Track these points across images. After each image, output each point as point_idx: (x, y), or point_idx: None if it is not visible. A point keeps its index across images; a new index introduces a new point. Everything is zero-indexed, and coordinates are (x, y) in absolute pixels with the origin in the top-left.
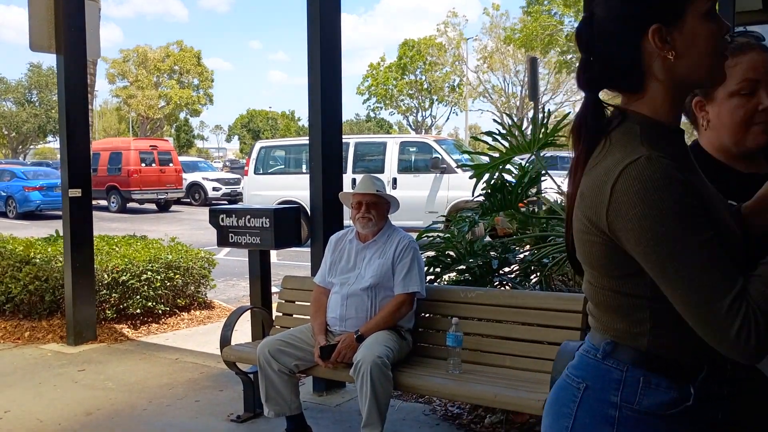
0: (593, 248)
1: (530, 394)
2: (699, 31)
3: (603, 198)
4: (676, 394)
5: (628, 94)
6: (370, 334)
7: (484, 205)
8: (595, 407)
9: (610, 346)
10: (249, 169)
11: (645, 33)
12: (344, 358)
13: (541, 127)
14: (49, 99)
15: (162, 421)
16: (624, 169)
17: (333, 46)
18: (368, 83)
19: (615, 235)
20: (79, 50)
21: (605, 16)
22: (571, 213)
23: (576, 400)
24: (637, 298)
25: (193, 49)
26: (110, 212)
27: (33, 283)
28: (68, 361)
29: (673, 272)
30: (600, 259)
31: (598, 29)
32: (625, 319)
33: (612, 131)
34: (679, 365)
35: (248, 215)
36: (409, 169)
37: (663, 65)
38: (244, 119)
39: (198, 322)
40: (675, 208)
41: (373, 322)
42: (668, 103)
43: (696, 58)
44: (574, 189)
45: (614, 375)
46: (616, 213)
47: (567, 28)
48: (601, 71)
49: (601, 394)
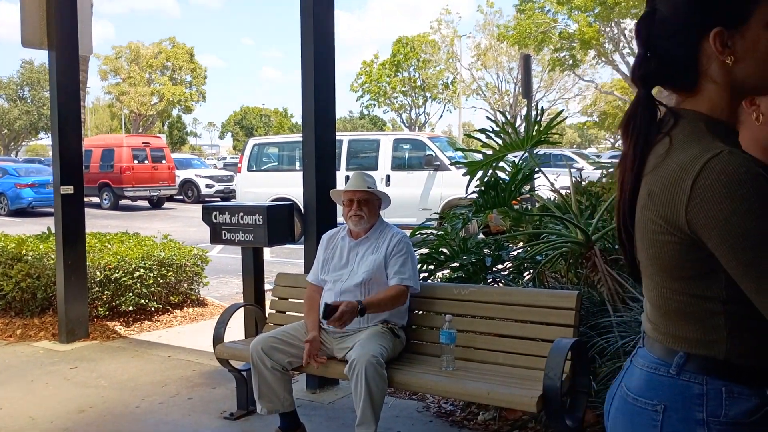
0: (666, 248)
1: (523, 390)
2: (761, 38)
3: (681, 194)
4: (758, 400)
5: (682, 93)
6: (372, 309)
7: (477, 202)
8: (680, 429)
9: (683, 359)
10: (242, 166)
11: (706, 34)
12: (343, 321)
13: (535, 124)
14: (41, 96)
15: (154, 418)
16: (706, 163)
17: (326, 43)
18: (362, 80)
19: (694, 232)
20: (71, 47)
21: (668, 14)
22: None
23: (657, 425)
24: (711, 302)
25: (185, 45)
26: (102, 209)
27: (25, 280)
28: (60, 359)
29: (762, 270)
30: (673, 259)
31: (660, 26)
32: (699, 326)
33: (672, 128)
34: (756, 371)
35: (241, 212)
36: (403, 166)
37: (720, 68)
38: (237, 116)
39: (191, 320)
40: (761, 203)
41: (375, 298)
42: (725, 103)
43: (754, 64)
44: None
45: (694, 390)
46: (698, 209)
47: (560, 25)
48: (657, 68)
49: (685, 413)
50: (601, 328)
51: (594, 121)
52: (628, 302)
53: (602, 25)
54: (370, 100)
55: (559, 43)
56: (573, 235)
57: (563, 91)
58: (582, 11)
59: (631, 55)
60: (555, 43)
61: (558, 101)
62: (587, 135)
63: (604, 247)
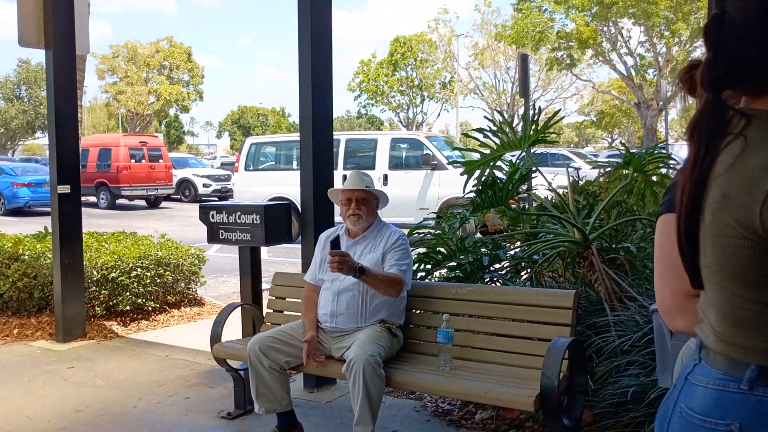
0: (740, 253)
1: (520, 390)
2: None
3: (758, 195)
4: None
5: (752, 95)
6: (367, 277)
7: (474, 201)
8: None
9: (755, 372)
10: (239, 166)
11: None
12: (342, 263)
13: (532, 124)
14: (38, 95)
15: (152, 418)
16: None
17: (324, 42)
18: (359, 80)
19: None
20: (68, 46)
21: (739, 16)
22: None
23: None
24: None
25: (183, 45)
26: (99, 209)
27: (22, 279)
28: (57, 359)
29: None
30: (746, 265)
31: (729, 28)
32: None
33: (745, 128)
34: None
35: (239, 212)
36: (400, 165)
37: None
38: (234, 115)
39: (188, 319)
40: None
41: (374, 271)
42: None
43: None
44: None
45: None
46: None
47: (558, 25)
48: (727, 70)
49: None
50: (598, 327)
51: (591, 121)
52: (625, 301)
53: (599, 25)
54: (367, 100)
55: (556, 43)
56: (570, 235)
57: (560, 91)
58: (579, 10)
59: (628, 55)
60: (552, 43)
61: (555, 101)
62: (584, 134)
63: (601, 247)
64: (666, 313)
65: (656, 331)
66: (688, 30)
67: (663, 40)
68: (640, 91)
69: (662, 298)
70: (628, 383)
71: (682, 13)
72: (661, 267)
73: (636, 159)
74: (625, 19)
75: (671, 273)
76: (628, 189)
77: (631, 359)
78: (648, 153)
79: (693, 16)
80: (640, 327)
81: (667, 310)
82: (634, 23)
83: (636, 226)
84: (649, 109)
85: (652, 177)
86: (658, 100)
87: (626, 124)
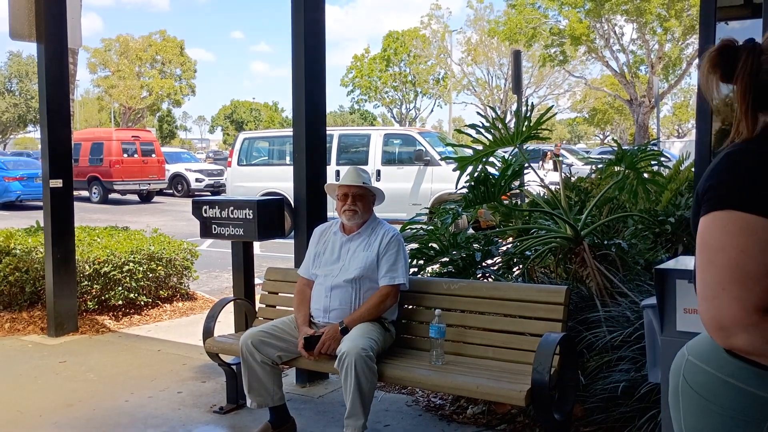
0: None
1: (512, 384)
2: None
3: None
4: None
5: None
6: (354, 326)
7: (467, 197)
8: None
9: None
10: (232, 161)
11: None
12: (328, 349)
13: (525, 120)
14: (29, 88)
15: (144, 412)
16: None
17: (317, 37)
18: (352, 75)
19: None
20: (60, 39)
21: None
22: None
23: None
24: None
25: (176, 39)
26: (92, 203)
27: (13, 274)
28: (49, 353)
29: None
30: None
31: None
32: None
33: None
34: None
35: (231, 207)
36: (393, 161)
37: None
38: (227, 110)
39: (180, 314)
40: None
41: (357, 314)
42: None
43: None
44: None
45: None
46: None
47: (551, 21)
48: None
49: None
50: (589, 323)
51: (584, 117)
52: (617, 297)
53: (592, 22)
54: (360, 95)
55: (549, 39)
56: (562, 231)
57: (553, 87)
58: (572, 7)
59: (620, 51)
60: (545, 39)
61: (548, 97)
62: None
63: (592, 243)
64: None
65: (647, 327)
66: (680, 27)
67: (655, 37)
68: (632, 88)
69: (722, 313)
70: (618, 378)
71: (675, 10)
72: (729, 274)
73: (628, 156)
74: (617, 15)
75: (745, 285)
76: (620, 186)
77: (621, 354)
78: (640, 150)
79: (686, 13)
80: (631, 323)
81: (724, 326)
82: (627, 20)
83: (627, 223)
84: (641, 106)
85: (644, 174)
86: (650, 97)
87: (618, 121)
